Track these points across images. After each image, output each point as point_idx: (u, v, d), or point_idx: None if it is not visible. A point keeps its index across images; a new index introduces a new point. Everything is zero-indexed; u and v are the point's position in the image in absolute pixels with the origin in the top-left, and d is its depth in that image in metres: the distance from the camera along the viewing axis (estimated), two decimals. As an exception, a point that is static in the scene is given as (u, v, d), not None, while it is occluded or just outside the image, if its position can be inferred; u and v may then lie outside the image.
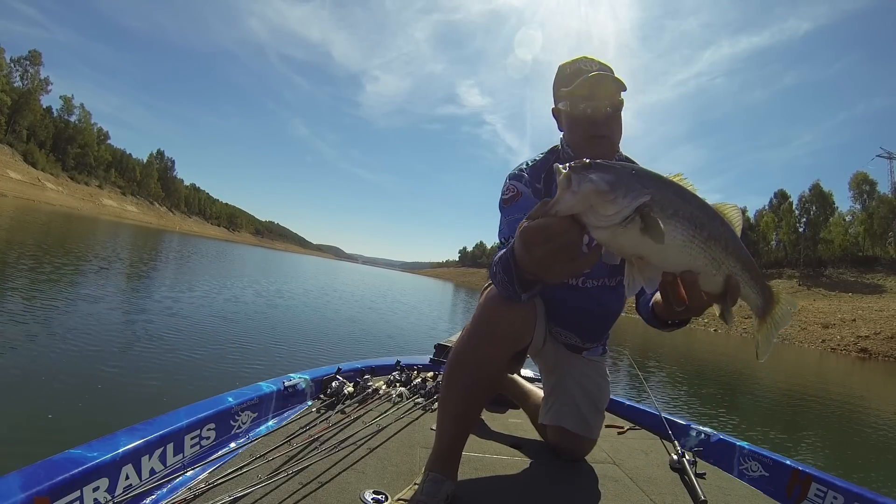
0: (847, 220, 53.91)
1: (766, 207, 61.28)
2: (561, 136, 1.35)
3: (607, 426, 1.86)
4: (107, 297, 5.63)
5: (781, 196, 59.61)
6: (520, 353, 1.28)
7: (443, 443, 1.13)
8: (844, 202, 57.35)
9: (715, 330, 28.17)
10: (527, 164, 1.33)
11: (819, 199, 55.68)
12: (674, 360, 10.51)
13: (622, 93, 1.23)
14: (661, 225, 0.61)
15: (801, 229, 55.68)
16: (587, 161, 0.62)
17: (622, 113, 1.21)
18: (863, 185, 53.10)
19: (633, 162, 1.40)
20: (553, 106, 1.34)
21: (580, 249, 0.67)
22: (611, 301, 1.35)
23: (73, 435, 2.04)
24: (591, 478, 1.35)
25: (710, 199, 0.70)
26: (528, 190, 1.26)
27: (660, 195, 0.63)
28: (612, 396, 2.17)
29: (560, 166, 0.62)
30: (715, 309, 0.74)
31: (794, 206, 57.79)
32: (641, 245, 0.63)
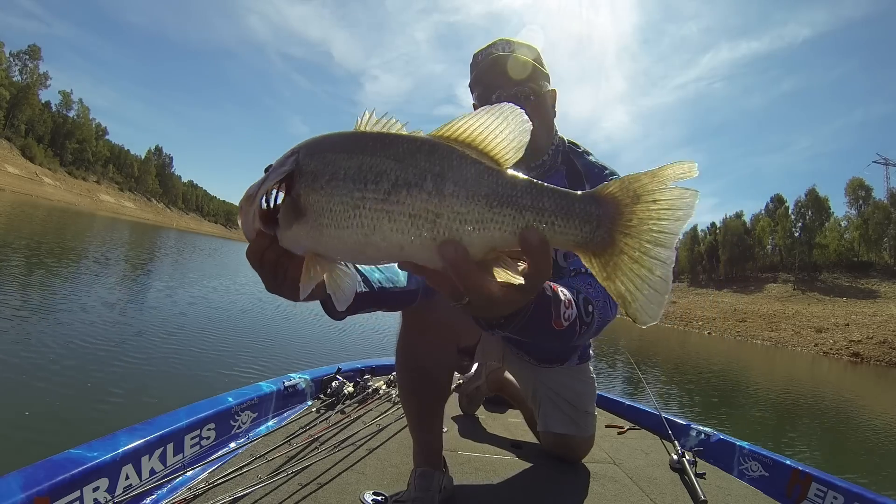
0: (842, 225, 54.31)
1: (763, 212, 61.67)
2: None
3: (607, 426, 1.86)
4: (106, 296, 5.59)
5: (778, 201, 59.99)
6: (465, 349, 1.22)
7: (418, 444, 1.11)
8: (840, 208, 57.73)
9: (709, 333, 28.30)
10: None
11: (815, 204, 56.08)
12: (672, 362, 10.54)
13: (546, 78, 1.03)
14: (303, 201, 0.43)
15: (796, 234, 56.04)
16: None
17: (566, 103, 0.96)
18: (858, 191, 53.51)
19: (582, 149, 1.16)
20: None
21: (286, 261, 0.51)
22: None
23: (73, 435, 2.02)
24: (592, 478, 1.35)
25: (705, 203, 0.41)
26: None
27: (308, 157, 0.43)
28: (611, 396, 2.17)
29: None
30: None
31: (790, 211, 58.20)
32: (302, 237, 0.45)
